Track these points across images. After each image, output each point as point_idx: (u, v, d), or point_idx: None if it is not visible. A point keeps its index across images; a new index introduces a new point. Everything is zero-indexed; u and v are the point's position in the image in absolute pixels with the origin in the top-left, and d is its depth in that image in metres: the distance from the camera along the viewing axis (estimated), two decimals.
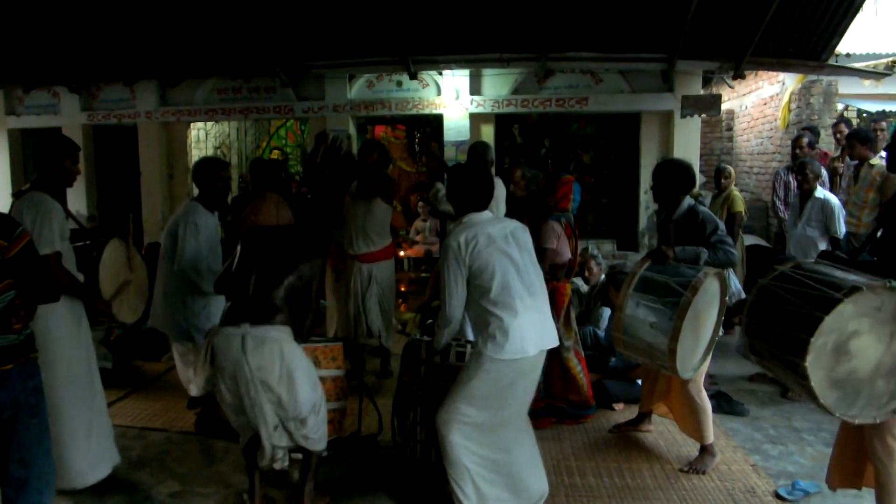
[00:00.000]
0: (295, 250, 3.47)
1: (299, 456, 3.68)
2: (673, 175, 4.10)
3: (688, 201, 4.07)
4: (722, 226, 4.00)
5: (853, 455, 3.28)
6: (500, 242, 3.31)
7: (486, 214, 3.44)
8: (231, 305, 3.46)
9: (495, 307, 3.21)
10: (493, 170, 5.86)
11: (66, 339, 3.59)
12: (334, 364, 3.77)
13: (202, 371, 3.46)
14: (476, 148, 5.75)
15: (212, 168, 4.59)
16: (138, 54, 8.28)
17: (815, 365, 2.77)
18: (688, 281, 3.46)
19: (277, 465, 3.43)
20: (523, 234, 3.47)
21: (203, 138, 11.97)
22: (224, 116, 9.75)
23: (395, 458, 3.97)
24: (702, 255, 3.77)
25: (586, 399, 4.75)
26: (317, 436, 3.42)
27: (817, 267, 3.01)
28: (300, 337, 3.46)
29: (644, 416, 4.55)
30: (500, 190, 5.36)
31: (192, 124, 10.45)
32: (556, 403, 4.71)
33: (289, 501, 3.65)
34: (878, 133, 6.74)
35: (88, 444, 3.68)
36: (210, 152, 11.99)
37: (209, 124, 11.82)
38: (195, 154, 10.97)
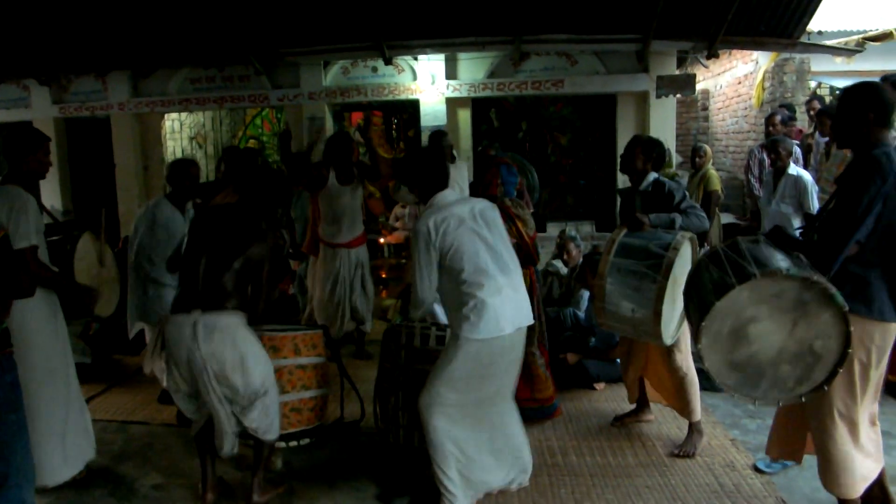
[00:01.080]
0: (243, 231, 3.41)
1: (283, 444, 3.70)
2: (645, 144, 4.16)
3: (652, 174, 4.11)
4: (688, 195, 4.07)
5: (795, 428, 3.35)
6: (470, 223, 3.31)
7: (451, 194, 3.44)
8: (181, 291, 3.42)
9: (469, 288, 3.22)
10: (454, 153, 5.93)
11: (42, 333, 3.56)
12: (315, 352, 3.78)
13: (156, 360, 3.44)
14: (431, 137, 5.91)
15: (181, 168, 4.67)
16: (109, 45, 8.17)
17: (711, 348, 2.83)
18: (667, 243, 3.51)
19: (227, 452, 3.43)
20: (492, 212, 3.48)
21: (178, 129, 11.83)
22: (198, 106, 9.67)
23: (378, 443, 3.99)
24: (676, 219, 3.81)
25: (551, 395, 4.60)
26: (266, 423, 3.40)
27: (751, 247, 2.96)
28: (255, 322, 3.44)
29: (642, 405, 4.50)
30: (463, 171, 5.43)
31: (166, 115, 10.33)
32: (521, 405, 4.58)
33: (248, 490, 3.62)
34: (811, 112, 6.88)
35: (63, 441, 3.65)
36: (185, 143, 11.86)
37: (183, 115, 11.67)
38: (170, 145, 10.85)
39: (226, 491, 3.66)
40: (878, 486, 3.22)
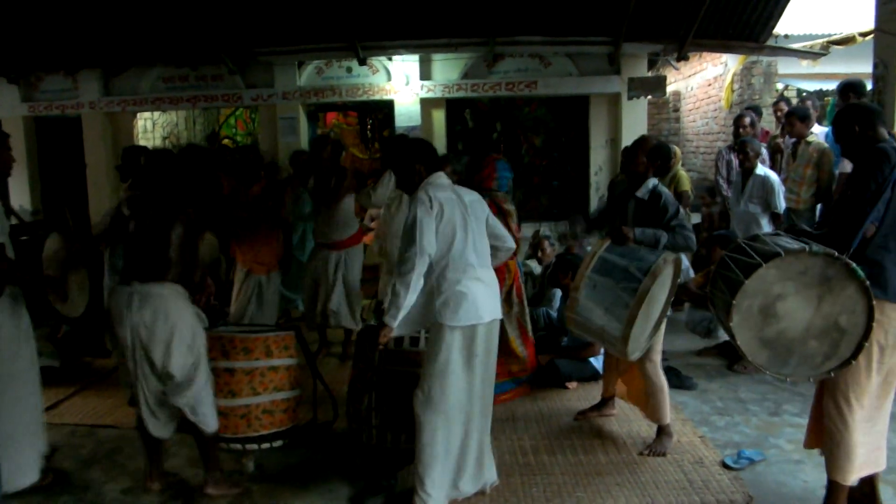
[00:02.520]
0: (175, 205, 3.43)
1: (255, 446, 3.70)
2: (652, 149, 4.12)
3: (653, 181, 4.08)
4: (682, 210, 4.07)
5: (815, 416, 3.41)
6: (462, 210, 3.38)
7: (445, 179, 3.49)
8: (124, 265, 3.45)
9: (450, 273, 3.28)
10: None
11: (6, 336, 3.52)
12: (287, 353, 3.78)
13: (110, 339, 3.46)
14: (394, 138, 5.97)
15: (134, 155, 4.74)
16: (80, 42, 8.06)
17: (742, 326, 2.95)
18: (648, 267, 3.49)
19: (158, 432, 3.50)
20: (481, 206, 3.54)
21: (150, 128, 11.73)
22: (171, 106, 9.57)
23: (351, 444, 4.00)
24: (661, 238, 3.79)
25: (526, 367, 4.74)
26: (202, 410, 3.42)
27: (770, 237, 3.13)
28: (193, 295, 3.47)
29: (607, 401, 4.57)
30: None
31: (138, 114, 10.24)
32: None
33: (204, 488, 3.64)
34: (778, 114, 7.00)
35: (28, 444, 3.61)
36: (158, 142, 11.76)
37: (156, 114, 11.58)
38: (143, 144, 10.75)
39: (174, 483, 3.69)
40: (869, 484, 3.29)
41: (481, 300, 3.32)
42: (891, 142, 3.11)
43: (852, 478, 3.14)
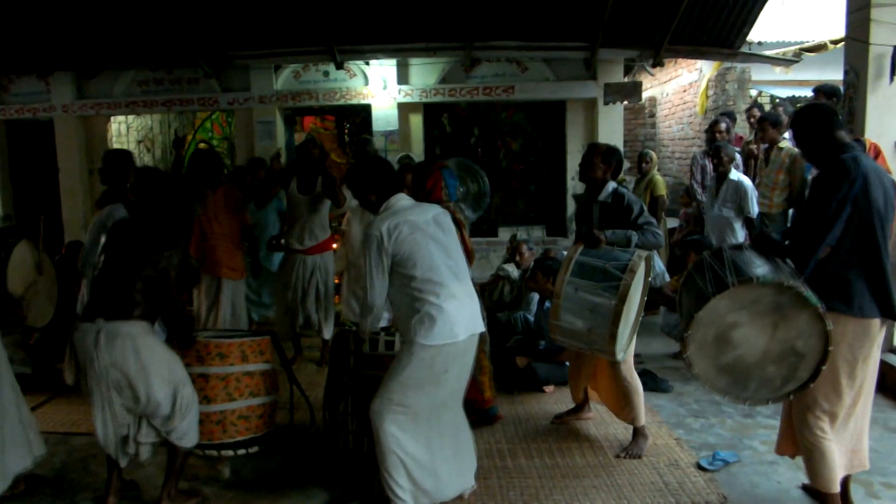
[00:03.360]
0: (150, 241, 3.37)
1: (231, 453, 3.67)
2: (604, 152, 4.16)
3: (612, 184, 4.13)
4: (646, 208, 4.11)
5: (789, 425, 3.43)
6: (426, 228, 3.33)
7: (405, 199, 3.46)
8: (90, 299, 3.39)
9: (422, 293, 3.21)
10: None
11: None
12: (262, 358, 3.75)
13: (69, 368, 3.40)
14: (356, 144, 5.98)
15: (120, 161, 4.61)
16: (52, 44, 7.97)
17: (699, 355, 3.02)
18: (624, 265, 3.54)
19: (123, 461, 3.46)
20: (445, 218, 3.49)
21: (124, 132, 11.59)
22: (146, 109, 9.47)
23: (328, 449, 3.98)
24: (632, 237, 3.85)
25: (490, 398, 4.60)
26: (186, 434, 3.41)
27: (733, 254, 3.11)
28: (174, 334, 3.45)
29: (583, 405, 4.59)
30: None
31: (112, 118, 10.12)
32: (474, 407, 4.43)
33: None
34: (752, 120, 7.11)
35: (2, 453, 3.54)
36: (132, 146, 11.62)
37: (130, 117, 11.45)
38: (118, 148, 10.62)
39: (133, 493, 3.66)
40: (842, 486, 3.29)
41: (457, 317, 3.24)
42: (852, 148, 3.10)
43: (836, 485, 3.17)
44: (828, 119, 3.14)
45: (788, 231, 3.43)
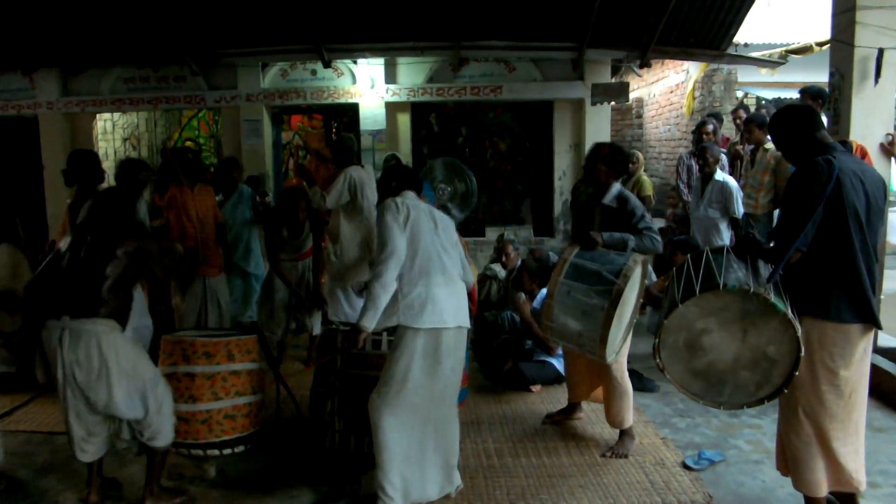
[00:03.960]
0: (113, 239, 3.36)
1: (217, 452, 3.65)
2: (608, 156, 4.09)
3: (617, 186, 4.09)
4: (648, 213, 4.09)
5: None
6: (430, 223, 3.45)
7: (414, 195, 3.60)
8: (56, 296, 3.33)
9: (416, 278, 3.31)
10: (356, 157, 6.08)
11: None
12: (249, 357, 3.73)
13: (39, 366, 3.38)
14: (341, 140, 6.01)
15: (132, 169, 4.54)
16: (37, 41, 7.90)
17: (671, 360, 3.04)
18: (618, 269, 3.52)
19: (88, 459, 3.45)
20: (449, 223, 3.62)
21: (110, 130, 11.52)
22: (132, 107, 9.45)
23: (314, 448, 3.97)
24: (629, 242, 3.84)
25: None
26: (159, 433, 3.39)
27: (713, 257, 3.10)
28: (163, 327, 3.44)
29: (575, 405, 4.59)
30: (370, 174, 5.62)
31: (97, 115, 10.04)
32: None
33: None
34: (738, 121, 7.16)
35: None
36: (118, 144, 11.55)
37: (116, 115, 11.38)
38: (102, 146, 10.56)
39: (116, 492, 3.65)
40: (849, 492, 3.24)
41: (446, 305, 3.33)
42: (833, 148, 3.03)
43: (821, 489, 3.12)
44: (807, 119, 3.10)
45: (772, 233, 3.40)
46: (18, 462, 4.06)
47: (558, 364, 5.17)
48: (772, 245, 3.14)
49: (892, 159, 5.15)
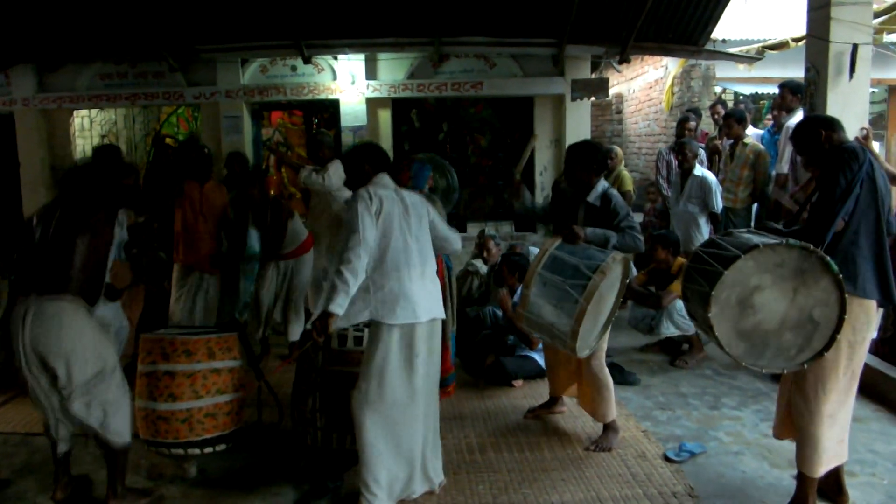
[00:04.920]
0: (83, 211, 3.36)
1: (198, 451, 3.63)
2: (586, 155, 4.11)
3: (602, 184, 4.10)
4: (631, 212, 4.11)
5: (784, 407, 3.47)
6: (402, 210, 3.41)
7: (389, 180, 3.53)
8: (25, 274, 3.33)
9: (388, 272, 3.30)
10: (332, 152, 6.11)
11: None
12: (230, 355, 3.72)
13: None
14: (315, 136, 6.15)
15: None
16: (12, 36, 7.78)
17: (720, 317, 2.99)
18: (597, 265, 3.54)
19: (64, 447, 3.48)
20: (422, 207, 3.55)
21: (88, 126, 11.37)
22: (109, 103, 9.29)
23: (296, 446, 3.96)
24: (611, 239, 3.85)
25: (447, 367, 4.70)
26: (113, 427, 3.37)
27: (744, 233, 3.20)
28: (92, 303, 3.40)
29: (556, 399, 4.62)
30: (338, 169, 5.63)
31: (75, 112, 9.91)
32: None
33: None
34: (716, 116, 7.23)
35: None
36: (96, 141, 11.40)
37: (94, 111, 11.23)
38: (80, 143, 10.42)
39: (86, 491, 3.64)
40: (833, 476, 3.38)
41: (419, 299, 3.33)
42: (852, 143, 3.20)
43: (821, 470, 3.21)
44: (826, 124, 3.26)
45: (814, 205, 3.45)
46: None
47: (540, 359, 5.19)
48: (803, 222, 3.24)
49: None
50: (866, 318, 3.14)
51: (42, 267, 3.27)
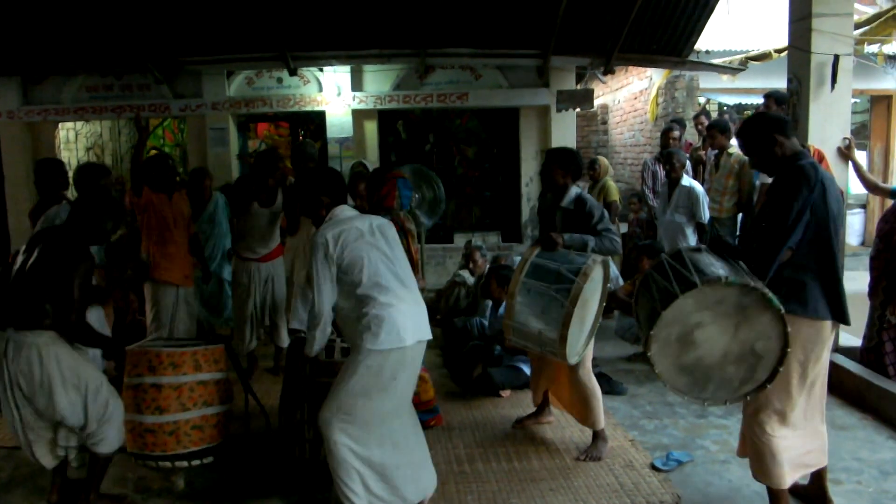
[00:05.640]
0: (62, 254, 3.38)
1: (185, 463, 3.60)
2: (562, 160, 4.18)
3: (575, 189, 4.15)
4: (607, 214, 4.15)
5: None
6: (369, 236, 3.34)
7: (349, 210, 3.48)
8: (3, 306, 3.35)
9: (368, 299, 3.22)
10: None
11: None
12: (216, 367, 3.69)
13: None
14: (299, 147, 6.10)
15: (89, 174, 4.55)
16: None
17: (661, 354, 3.01)
18: (578, 268, 3.57)
19: (50, 464, 3.53)
20: (389, 229, 3.50)
21: (73, 139, 11.31)
22: (95, 116, 9.28)
23: (284, 458, 3.94)
24: (589, 242, 3.89)
25: (431, 398, 4.65)
26: (103, 439, 3.44)
27: (693, 256, 3.14)
28: (70, 338, 3.41)
29: (543, 408, 4.61)
30: None
31: (60, 124, 9.87)
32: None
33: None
34: (700, 127, 7.29)
35: None
36: (81, 154, 11.36)
37: (79, 124, 11.19)
38: (65, 155, 10.37)
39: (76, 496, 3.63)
40: (817, 483, 3.41)
41: (403, 322, 3.24)
42: (805, 155, 3.20)
43: (785, 481, 3.21)
44: (779, 127, 3.21)
45: (743, 237, 3.48)
46: None
47: (528, 369, 5.19)
48: (749, 246, 3.21)
49: (849, 163, 5.27)
50: (818, 338, 3.14)
51: (18, 302, 3.30)
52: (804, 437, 3.27)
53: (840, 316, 3.16)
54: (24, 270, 3.37)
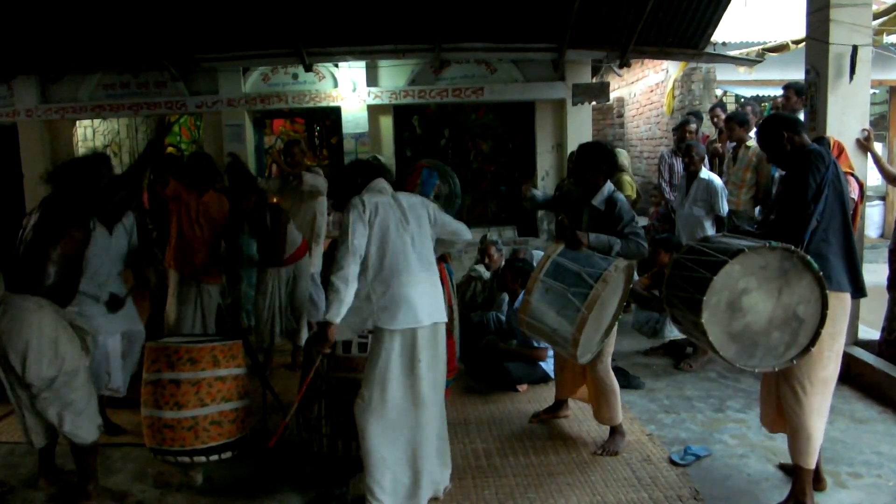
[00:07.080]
0: (56, 220, 3.42)
1: (204, 459, 3.63)
2: (596, 156, 4.10)
3: (608, 187, 4.07)
4: (637, 218, 4.07)
5: (774, 403, 3.54)
6: (400, 214, 3.41)
7: (385, 184, 3.54)
8: (9, 272, 3.42)
9: (387, 278, 3.29)
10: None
11: None
12: (235, 362, 3.72)
13: None
14: (286, 145, 6.33)
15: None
16: (15, 47, 7.82)
17: (712, 321, 3.06)
18: (599, 273, 3.54)
19: (39, 442, 3.58)
20: (422, 209, 3.55)
21: (90, 136, 11.41)
22: (112, 113, 9.33)
23: (302, 454, 3.96)
24: (615, 246, 3.83)
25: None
26: (73, 425, 3.42)
27: (721, 238, 3.32)
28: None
29: (562, 403, 4.61)
30: (321, 179, 5.88)
31: (77, 122, 9.96)
32: None
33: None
34: (716, 120, 7.22)
35: None
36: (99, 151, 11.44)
37: (96, 122, 11.28)
38: (82, 153, 10.45)
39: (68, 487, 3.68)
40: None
41: (420, 303, 3.31)
42: (816, 145, 3.32)
43: (814, 460, 3.31)
44: (793, 126, 3.37)
45: (761, 225, 3.55)
46: (3, 473, 4.02)
47: (546, 365, 5.19)
48: (774, 222, 3.36)
49: (868, 154, 5.21)
50: (843, 310, 3.27)
51: (18, 266, 3.36)
52: (825, 418, 3.36)
53: (859, 288, 3.32)
54: (23, 236, 3.44)
